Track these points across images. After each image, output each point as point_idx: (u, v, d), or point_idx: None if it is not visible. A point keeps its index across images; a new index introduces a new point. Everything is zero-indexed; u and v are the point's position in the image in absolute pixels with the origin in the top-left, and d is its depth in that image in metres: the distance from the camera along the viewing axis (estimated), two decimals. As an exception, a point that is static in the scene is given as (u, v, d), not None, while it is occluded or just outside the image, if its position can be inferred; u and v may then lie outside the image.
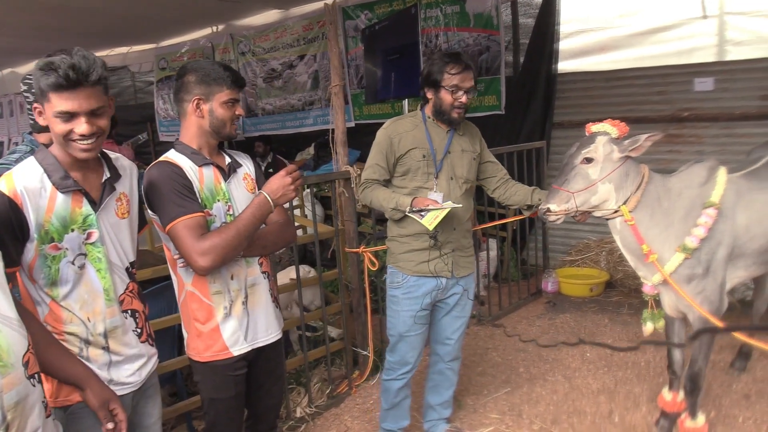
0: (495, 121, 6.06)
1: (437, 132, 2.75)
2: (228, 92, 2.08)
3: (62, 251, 1.70)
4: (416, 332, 2.82)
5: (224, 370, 2.16)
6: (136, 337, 1.89)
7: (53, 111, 1.63)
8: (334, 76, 3.74)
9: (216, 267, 1.98)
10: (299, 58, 7.96)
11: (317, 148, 7.71)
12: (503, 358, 4.10)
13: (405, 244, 2.78)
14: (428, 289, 2.77)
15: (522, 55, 5.96)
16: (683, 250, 2.55)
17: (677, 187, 2.63)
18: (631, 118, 5.30)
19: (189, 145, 2.11)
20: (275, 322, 2.29)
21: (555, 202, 2.52)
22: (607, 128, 2.53)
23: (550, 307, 5.05)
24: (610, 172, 2.49)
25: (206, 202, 2.05)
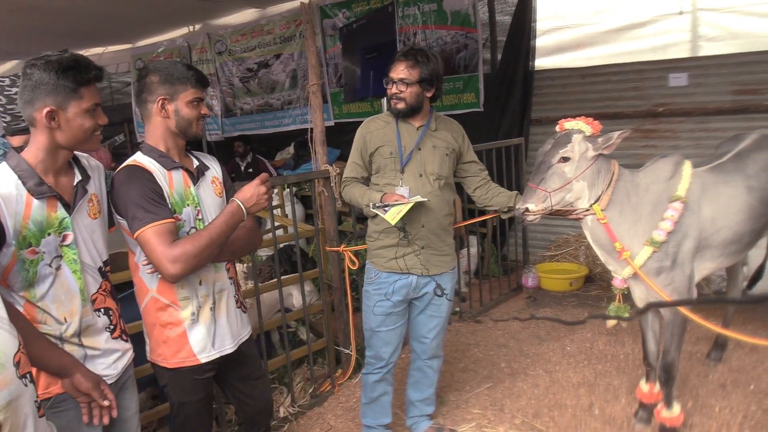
0: (474, 119, 6.09)
1: (407, 129, 2.76)
2: (193, 91, 2.07)
3: (40, 255, 1.70)
4: (388, 328, 2.83)
5: (192, 374, 2.14)
6: (108, 334, 1.91)
7: (85, 106, 1.71)
8: (311, 75, 3.73)
9: (186, 274, 1.95)
10: (275, 57, 7.93)
11: (297, 148, 7.69)
12: (485, 353, 4.13)
13: (378, 240, 2.81)
14: (398, 286, 2.78)
15: (499, 52, 5.99)
16: (651, 243, 2.59)
17: (644, 182, 2.66)
18: (607, 114, 5.38)
19: (156, 147, 2.07)
20: (242, 327, 2.28)
21: (533, 201, 2.52)
22: (581, 126, 2.54)
23: (531, 302, 5.10)
24: (585, 169, 2.52)
25: (176, 207, 2.02)
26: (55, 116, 1.70)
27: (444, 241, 2.83)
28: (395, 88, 2.67)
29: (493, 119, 5.96)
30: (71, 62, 1.70)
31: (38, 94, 1.68)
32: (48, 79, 1.67)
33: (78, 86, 1.70)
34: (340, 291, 3.79)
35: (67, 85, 1.69)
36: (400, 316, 2.85)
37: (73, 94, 1.70)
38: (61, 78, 1.68)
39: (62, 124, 1.71)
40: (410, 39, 6.45)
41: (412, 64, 2.64)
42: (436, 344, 2.97)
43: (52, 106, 1.69)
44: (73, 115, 1.71)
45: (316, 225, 3.68)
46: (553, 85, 5.78)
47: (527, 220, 2.56)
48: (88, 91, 1.73)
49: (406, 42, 6.46)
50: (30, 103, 1.70)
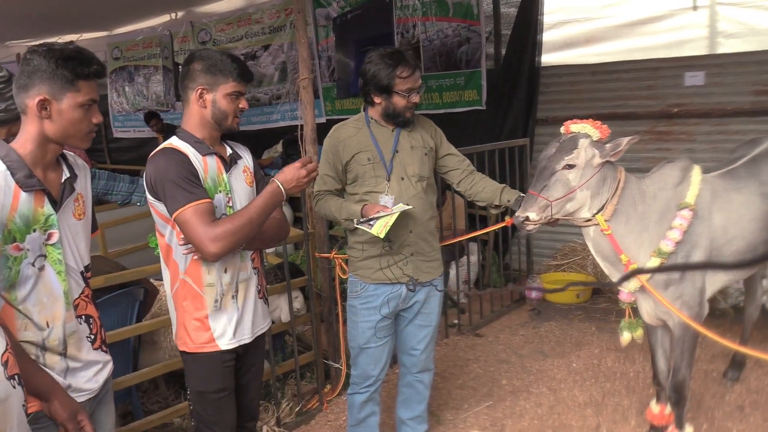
0: (476, 117, 6.11)
1: (382, 132, 2.78)
2: (233, 84, 2.18)
3: (24, 252, 1.71)
4: (377, 344, 2.84)
5: (210, 361, 2.25)
6: (89, 343, 1.91)
7: (81, 100, 1.73)
8: (302, 69, 3.74)
9: (226, 253, 2.08)
10: (263, 49, 7.94)
11: (285, 146, 7.68)
12: (485, 369, 4.13)
13: (362, 251, 2.81)
14: (387, 297, 2.79)
15: (504, 46, 6.02)
16: (659, 254, 2.59)
17: (651, 189, 2.67)
18: (618, 114, 5.40)
19: (192, 133, 2.20)
20: (261, 318, 2.40)
21: (534, 210, 2.52)
22: (588, 130, 2.54)
23: (534, 315, 5.11)
24: (590, 177, 2.52)
25: (208, 192, 2.13)
26: (48, 106, 1.72)
27: (432, 246, 2.86)
28: (418, 97, 2.73)
29: (496, 118, 5.98)
30: (73, 53, 1.73)
31: (34, 80, 1.71)
32: (46, 66, 1.70)
33: (76, 78, 1.72)
34: (329, 300, 3.79)
35: (65, 75, 1.71)
36: (388, 329, 2.87)
37: (69, 85, 1.72)
38: (60, 67, 1.70)
39: (54, 115, 1.73)
40: (408, 31, 6.47)
41: (419, 69, 2.72)
42: (426, 356, 2.98)
43: (45, 95, 1.71)
44: (66, 107, 1.73)
45: (305, 229, 3.67)
46: (560, 83, 5.80)
47: (526, 229, 2.57)
48: (86, 86, 1.75)
49: (404, 34, 6.48)
50: (24, 88, 1.72)
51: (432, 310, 2.90)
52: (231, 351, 2.27)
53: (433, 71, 6.38)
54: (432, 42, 6.32)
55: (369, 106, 2.81)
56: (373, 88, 2.71)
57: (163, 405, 3.60)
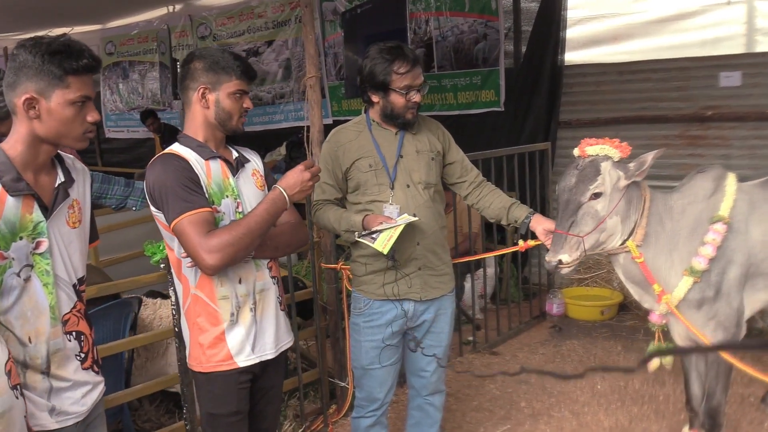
0: (493, 119, 6.11)
1: (385, 136, 2.74)
2: (236, 83, 2.19)
3: (8, 261, 1.69)
4: (382, 365, 2.80)
5: (225, 381, 2.24)
6: (78, 362, 1.89)
7: (71, 97, 1.71)
8: (309, 66, 3.74)
9: (225, 266, 2.07)
10: (266, 44, 7.98)
11: (289, 148, 7.71)
12: (502, 390, 4.11)
13: (366, 265, 2.77)
14: (393, 316, 2.74)
15: (524, 44, 6.02)
16: (691, 273, 2.56)
17: (680, 203, 2.64)
18: (646, 117, 5.40)
19: (194, 137, 2.21)
20: (285, 332, 2.38)
21: (566, 251, 2.48)
22: (608, 150, 2.50)
23: (556, 332, 5.08)
24: (617, 202, 2.49)
25: (214, 198, 2.15)
26: (35, 104, 1.70)
27: (441, 259, 2.81)
28: (418, 96, 2.68)
29: (515, 120, 5.98)
30: (61, 46, 1.71)
31: (20, 77, 1.69)
32: (32, 62, 1.68)
33: (65, 73, 1.70)
34: (336, 315, 3.78)
35: (53, 71, 1.69)
36: (394, 350, 2.82)
37: (57, 81, 1.70)
38: (47, 62, 1.68)
39: (42, 114, 1.71)
40: (421, 27, 6.49)
41: (420, 66, 2.68)
42: (437, 378, 2.93)
43: (32, 93, 1.69)
44: (55, 105, 1.71)
45: (310, 238, 3.68)
46: (585, 83, 5.80)
47: (562, 273, 2.53)
48: (78, 81, 1.73)
49: (417, 30, 6.50)
50: (11, 87, 1.71)
51: (442, 329, 2.86)
52: (248, 371, 2.26)
53: (447, 70, 6.39)
54: (446, 38, 6.33)
55: (369, 107, 2.78)
56: (369, 85, 2.68)
57: (156, 424, 3.60)
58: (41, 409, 1.77)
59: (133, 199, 3.07)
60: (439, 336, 2.86)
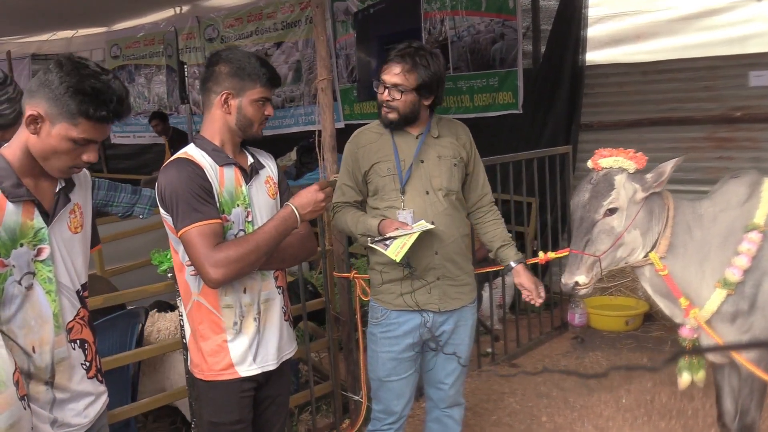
0: (511, 122, 6.10)
1: (405, 139, 2.74)
2: (261, 90, 2.23)
3: (8, 269, 1.71)
4: (399, 377, 2.80)
5: (228, 390, 2.26)
6: (84, 371, 1.91)
7: (74, 135, 1.71)
8: (320, 69, 3.76)
9: (228, 281, 2.11)
10: (276, 46, 8.02)
11: (300, 153, 7.75)
12: (522, 404, 4.10)
13: (383, 273, 2.77)
14: (411, 326, 2.74)
15: (543, 44, 6.01)
16: (724, 285, 2.50)
17: (711, 211, 2.58)
18: (672, 118, 5.37)
19: (211, 140, 2.24)
20: (287, 342, 2.40)
21: (582, 272, 2.46)
22: (622, 162, 2.48)
23: (578, 343, 5.06)
24: (635, 216, 2.46)
25: (225, 207, 2.18)
26: (39, 122, 1.71)
27: (462, 269, 2.80)
28: (387, 94, 2.66)
29: (534, 123, 5.97)
30: (90, 89, 1.70)
31: (38, 93, 1.71)
32: (56, 87, 1.69)
33: (79, 115, 1.70)
34: (349, 325, 3.79)
35: (69, 106, 1.69)
36: (413, 361, 2.82)
37: (68, 117, 1.70)
38: (68, 96, 1.68)
39: (42, 134, 1.72)
40: (436, 27, 6.50)
41: (409, 68, 2.62)
42: (456, 390, 2.94)
43: (40, 111, 1.70)
44: (56, 133, 1.71)
45: (322, 246, 3.69)
46: (607, 84, 5.79)
47: (579, 294, 2.53)
48: (88, 125, 1.72)
49: (432, 30, 6.51)
50: (29, 94, 1.73)
51: (462, 340, 2.85)
52: (251, 379, 2.28)
53: (463, 71, 6.40)
54: (462, 39, 6.34)
55: None
56: None
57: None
58: (43, 421, 1.78)
59: (140, 207, 3.09)
60: (459, 347, 2.85)
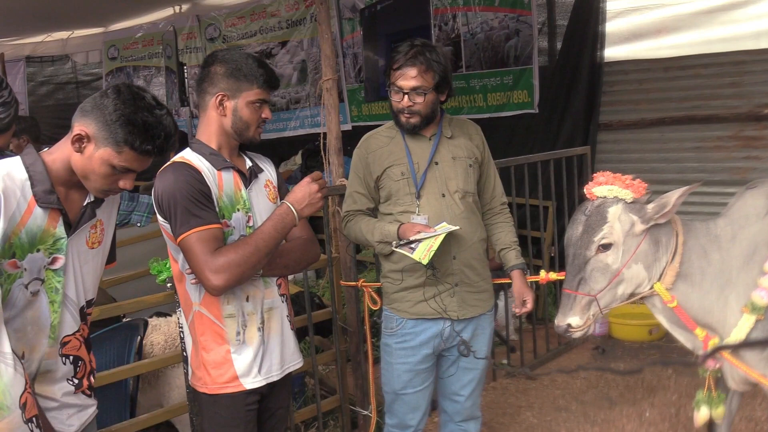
0: (527, 122, 6.11)
1: (418, 141, 2.76)
2: (258, 91, 2.25)
3: (19, 271, 1.79)
4: (415, 389, 2.81)
5: (232, 403, 2.27)
6: (71, 387, 1.96)
7: (116, 162, 1.81)
8: (325, 68, 3.79)
9: (231, 287, 2.12)
10: (280, 45, 8.06)
11: (305, 157, 7.77)
12: (540, 418, 4.10)
13: (398, 282, 2.78)
14: (428, 336, 2.76)
15: (559, 40, 6.03)
16: (752, 310, 2.36)
17: (728, 230, 2.46)
18: (696, 116, 5.36)
19: (207, 144, 2.27)
20: (292, 353, 2.42)
21: (575, 314, 2.37)
22: (618, 191, 2.37)
23: (599, 354, 5.05)
24: (635, 250, 2.35)
25: (224, 212, 2.20)
26: (84, 142, 1.81)
27: (480, 275, 2.82)
28: (407, 100, 2.65)
29: (550, 123, 5.98)
30: (142, 122, 1.80)
31: (91, 114, 1.80)
32: (110, 113, 1.78)
33: (125, 144, 1.80)
34: (357, 337, 3.80)
35: (117, 134, 1.79)
36: (429, 373, 2.84)
37: (114, 144, 1.80)
38: (119, 124, 1.78)
39: (85, 153, 1.81)
40: (447, 23, 6.52)
41: (425, 68, 2.62)
42: (471, 403, 2.95)
43: (88, 132, 1.80)
44: (99, 157, 1.81)
45: (328, 253, 3.70)
46: (627, 81, 5.79)
47: (574, 337, 2.42)
48: (132, 156, 1.82)
49: (442, 27, 6.53)
50: (82, 113, 1.82)
51: (480, 350, 2.86)
52: (256, 392, 2.30)
53: (476, 69, 6.42)
54: (475, 35, 6.36)
55: None
56: (384, 83, 2.75)
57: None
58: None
59: (137, 215, 3.12)
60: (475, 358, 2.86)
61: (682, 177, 5.47)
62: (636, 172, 6.10)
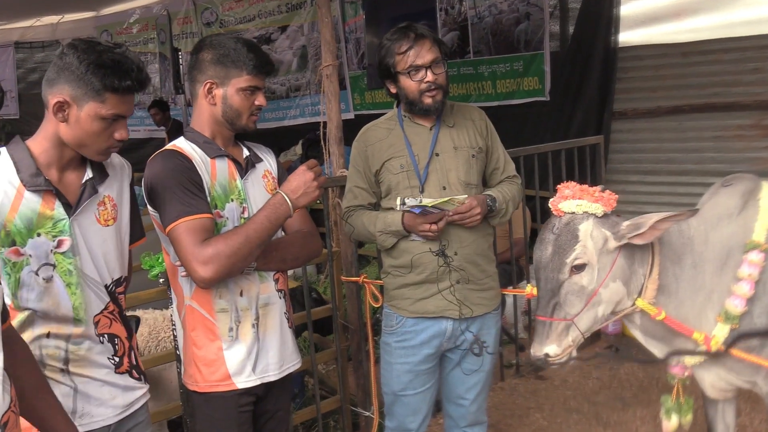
0: (537, 110, 6.10)
1: (417, 132, 2.74)
2: (248, 78, 2.23)
3: (24, 258, 1.83)
4: (416, 391, 2.79)
5: (225, 403, 2.27)
6: (112, 366, 1.99)
7: (104, 113, 1.84)
8: (325, 54, 3.78)
9: (220, 279, 2.11)
10: (280, 30, 8.05)
11: (305, 147, 7.78)
12: (550, 420, 4.10)
13: (399, 278, 2.76)
14: (429, 335, 2.74)
15: (572, 23, 6.02)
16: (726, 319, 2.31)
17: (700, 230, 2.38)
18: (716, 104, 5.34)
19: (201, 132, 2.27)
20: (291, 352, 2.41)
21: (552, 341, 2.27)
22: (586, 206, 2.26)
23: (612, 353, 5.04)
24: (611, 268, 2.26)
25: (217, 201, 2.21)
26: (66, 109, 1.83)
27: (485, 271, 2.79)
28: (431, 74, 2.63)
29: (562, 111, 5.96)
30: (110, 61, 1.83)
31: (60, 78, 1.83)
32: (76, 68, 1.81)
33: (104, 89, 1.82)
34: (359, 335, 3.80)
35: (93, 83, 1.81)
36: (430, 374, 2.82)
37: (94, 94, 1.83)
38: (90, 73, 1.81)
39: (71, 119, 1.84)
40: (454, 6, 6.51)
41: (432, 41, 2.63)
42: (477, 407, 2.91)
43: (66, 97, 1.82)
44: (85, 115, 1.83)
45: (329, 247, 3.70)
46: (643, 67, 5.77)
47: (553, 366, 2.34)
48: (115, 99, 1.85)
49: (448, 11, 6.51)
50: (49, 83, 1.85)
51: (485, 352, 2.84)
52: (249, 392, 2.29)
53: (484, 55, 6.40)
54: (483, 19, 6.34)
55: (398, 101, 2.80)
56: (382, 74, 2.72)
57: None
58: None
59: None
60: (481, 359, 2.83)
61: (701, 168, 5.47)
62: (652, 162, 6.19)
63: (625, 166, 5.95)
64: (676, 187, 5.58)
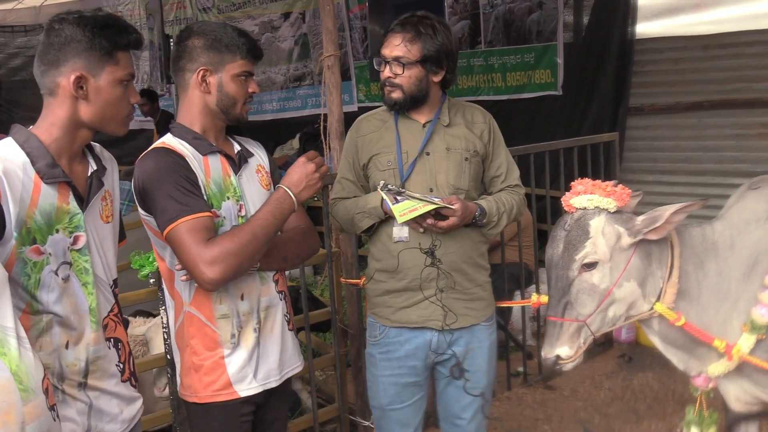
0: (549, 105, 6.09)
1: (410, 127, 2.71)
2: (242, 63, 2.23)
3: (45, 257, 1.80)
4: (403, 404, 2.74)
5: (226, 413, 2.26)
6: (118, 374, 1.99)
7: (120, 75, 1.87)
8: (326, 43, 3.76)
9: (227, 280, 2.09)
10: (283, 17, 8.02)
11: (303, 141, 7.76)
12: (559, 433, 4.10)
13: (381, 283, 2.71)
14: (413, 347, 2.68)
15: (587, 13, 6.01)
16: (752, 329, 2.30)
17: (725, 235, 2.38)
18: (738, 100, 5.33)
19: (190, 128, 2.25)
20: (292, 356, 2.42)
21: (564, 342, 2.30)
22: (598, 201, 2.29)
23: (625, 362, 5.04)
24: (626, 265, 2.28)
25: (213, 200, 2.18)
26: (84, 84, 1.82)
27: (473, 280, 2.71)
28: (389, 70, 2.62)
29: (575, 106, 5.96)
30: (108, 20, 1.86)
31: (67, 54, 1.81)
32: (82, 36, 1.81)
33: (115, 49, 1.84)
34: (359, 340, 3.79)
35: (103, 46, 1.82)
36: (419, 387, 2.77)
37: (108, 57, 1.84)
38: (98, 36, 1.82)
39: (91, 94, 1.84)
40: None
41: (411, 37, 2.58)
42: (476, 426, 2.82)
43: (82, 71, 1.81)
44: (105, 83, 1.84)
45: (328, 248, 3.70)
46: (661, 60, 5.76)
47: (565, 369, 2.37)
48: (125, 57, 1.88)
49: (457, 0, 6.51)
50: (55, 64, 1.82)
51: (478, 367, 2.75)
52: (251, 401, 2.29)
53: (495, 46, 6.39)
54: (495, 8, 6.34)
55: None
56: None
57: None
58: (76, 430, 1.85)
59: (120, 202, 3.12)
60: (474, 375, 2.75)
61: (721, 168, 5.47)
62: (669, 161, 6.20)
63: (641, 164, 5.96)
64: (695, 187, 5.57)
